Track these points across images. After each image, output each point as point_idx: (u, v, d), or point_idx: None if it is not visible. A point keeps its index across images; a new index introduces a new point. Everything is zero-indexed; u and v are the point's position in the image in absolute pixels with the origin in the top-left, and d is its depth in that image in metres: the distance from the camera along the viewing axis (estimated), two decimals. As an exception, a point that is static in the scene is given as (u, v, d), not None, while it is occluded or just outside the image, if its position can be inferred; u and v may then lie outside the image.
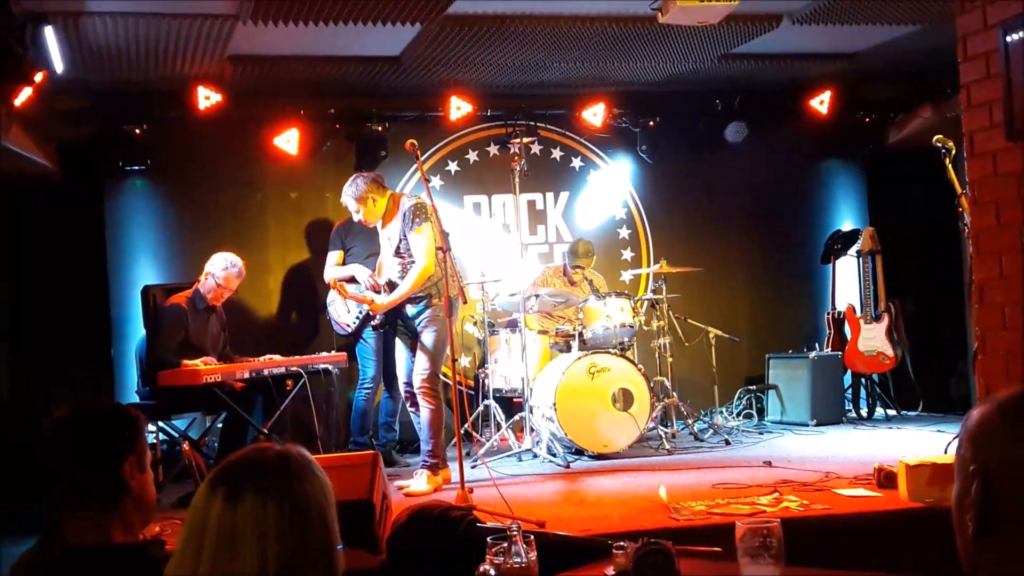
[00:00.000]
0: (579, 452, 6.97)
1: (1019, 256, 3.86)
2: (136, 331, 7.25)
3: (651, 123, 8.81)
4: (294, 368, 6.41)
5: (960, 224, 4.92)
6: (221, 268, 6.64)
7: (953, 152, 5.38)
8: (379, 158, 8.18)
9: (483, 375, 7.57)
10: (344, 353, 6.95)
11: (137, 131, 7.72)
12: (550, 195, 8.94)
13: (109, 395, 7.42)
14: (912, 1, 6.57)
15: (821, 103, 8.78)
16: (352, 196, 6.31)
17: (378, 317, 6.43)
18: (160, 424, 6.49)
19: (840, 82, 8.69)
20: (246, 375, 6.25)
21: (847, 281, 8.98)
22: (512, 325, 7.49)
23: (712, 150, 8.92)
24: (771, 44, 7.54)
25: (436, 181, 8.62)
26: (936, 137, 5.39)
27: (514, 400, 7.50)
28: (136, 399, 6.80)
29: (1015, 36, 3.77)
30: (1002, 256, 3.94)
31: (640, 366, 7.19)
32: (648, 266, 8.79)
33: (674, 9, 5.51)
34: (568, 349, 7.44)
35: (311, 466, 1.80)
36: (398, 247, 6.23)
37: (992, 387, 3.97)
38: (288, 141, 8.04)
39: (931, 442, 6.82)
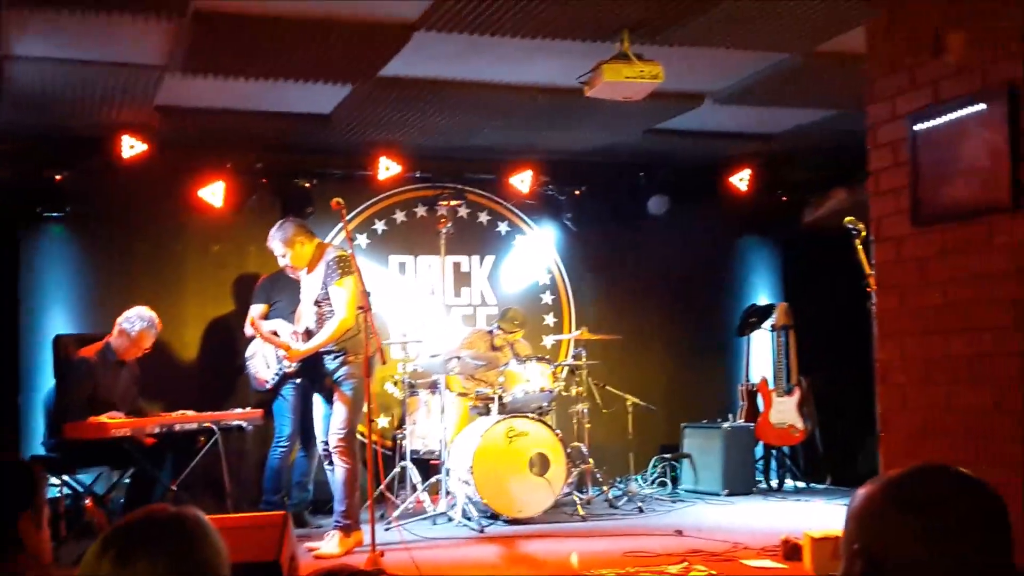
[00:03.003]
0: (494, 516, 6.97)
1: (921, 339, 4.00)
2: (46, 381, 7.10)
3: (577, 192, 8.94)
4: (206, 424, 6.31)
5: (868, 304, 5.08)
6: (135, 325, 6.54)
7: (863, 234, 5.57)
8: (305, 214, 8.12)
9: (401, 436, 7.54)
10: (260, 409, 6.87)
11: (58, 177, 7.59)
12: (476, 258, 9.00)
13: (14, 446, 7.21)
14: (828, 87, 6.82)
15: (741, 181, 9.01)
16: (280, 239, 6.32)
17: (294, 365, 6.40)
18: (65, 478, 6.34)
19: (759, 161, 8.95)
20: (156, 430, 6.15)
21: (761, 354, 9.17)
22: (433, 386, 7.49)
23: (635, 221, 9.07)
24: (694, 122, 7.75)
25: (362, 240, 8.63)
26: (847, 219, 5.59)
27: (431, 462, 7.48)
28: (42, 451, 6.64)
29: (922, 127, 3.95)
30: (904, 339, 4.08)
31: (558, 431, 7.24)
32: (570, 332, 8.87)
33: (600, 84, 5.64)
34: (487, 412, 7.46)
35: (206, 530, 1.77)
36: (318, 297, 6.23)
37: (894, 466, 4.08)
38: (213, 193, 7.98)
39: (837, 516, 6.90)
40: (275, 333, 6.87)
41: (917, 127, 3.96)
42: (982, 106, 3.65)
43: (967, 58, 3.71)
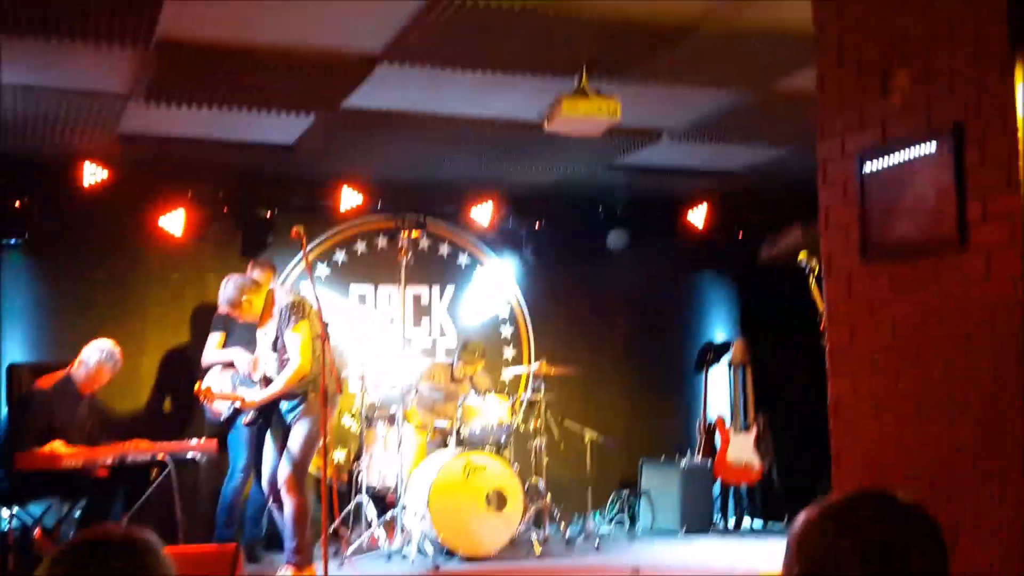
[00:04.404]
0: (450, 553, 6.92)
1: (871, 374, 4.04)
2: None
3: (537, 225, 8.99)
4: (160, 456, 6.24)
5: (822, 341, 5.13)
6: (95, 359, 6.49)
7: (817, 270, 5.64)
8: (266, 244, 8.14)
9: (357, 470, 7.48)
10: (214, 440, 6.79)
11: (17, 203, 7.53)
12: (436, 289, 9.00)
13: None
14: (783, 125, 6.91)
15: (698, 217, 9.11)
16: (226, 300, 6.28)
17: (250, 413, 6.31)
18: (15, 510, 6.24)
19: (717, 197, 9.04)
20: (109, 461, 6.07)
21: (719, 391, 9.21)
22: (390, 419, 7.44)
23: (594, 255, 9.13)
24: (652, 158, 7.82)
25: (323, 269, 8.62)
26: (800, 255, 5.64)
27: (388, 498, 7.42)
28: (-9, 481, 6.53)
29: (870, 165, 4.01)
30: (855, 374, 4.11)
31: (515, 466, 7.22)
32: (528, 365, 8.87)
33: (559, 118, 5.70)
34: (445, 446, 7.42)
35: (157, 551, 1.76)
36: (275, 343, 6.20)
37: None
38: (173, 222, 7.94)
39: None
40: (231, 364, 6.84)
41: (866, 164, 4.02)
42: (929, 144, 3.72)
43: (914, 97, 3.79)
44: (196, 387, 6.46)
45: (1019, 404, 3.40)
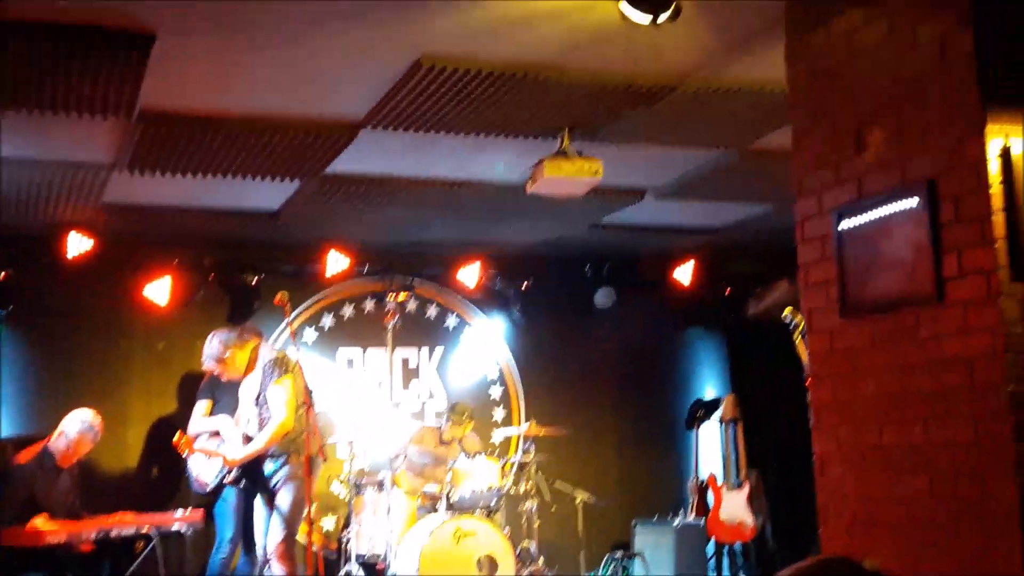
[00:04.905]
0: (441, 619, 6.81)
1: (855, 430, 4.02)
2: (-17, 485, 6.92)
3: (524, 285, 8.99)
4: (144, 529, 6.16)
5: (807, 396, 5.11)
6: (75, 429, 6.44)
7: (802, 326, 5.62)
8: (252, 310, 8.13)
9: (346, 539, 7.36)
10: (201, 511, 6.71)
11: (2, 274, 7.53)
12: (424, 351, 8.97)
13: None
14: (765, 183, 6.95)
15: (685, 274, 9.13)
16: (210, 356, 6.28)
17: (234, 472, 6.27)
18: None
19: (703, 254, 9.06)
20: (93, 535, 5.99)
21: (710, 448, 9.14)
22: (380, 485, 7.36)
23: (582, 314, 9.13)
24: (637, 216, 7.86)
25: (311, 333, 8.60)
26: (785, 311, 5.64)
27: (378, 566, 7.30)
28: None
29: (847, 222, 4.03)
30: (839, 429, 4.10)
31: (507, 530, 7.14)
32: (519, 426, 8.81)
33: (541, 180, 5.73)
34: (435, 511, 7.34)
35: None
36: (257, 398, 6.17)
37: (834, 557, 4.04)
38: (159, 290, 7.93)
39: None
40: (217, 433, 6.79)
41: (843, 221, 4.04)
42: (904, 201, 3.74)
43: (888, 154, 3.82)
44: (176, 437, 6.38)
45: (1000, 457, 3.38)
